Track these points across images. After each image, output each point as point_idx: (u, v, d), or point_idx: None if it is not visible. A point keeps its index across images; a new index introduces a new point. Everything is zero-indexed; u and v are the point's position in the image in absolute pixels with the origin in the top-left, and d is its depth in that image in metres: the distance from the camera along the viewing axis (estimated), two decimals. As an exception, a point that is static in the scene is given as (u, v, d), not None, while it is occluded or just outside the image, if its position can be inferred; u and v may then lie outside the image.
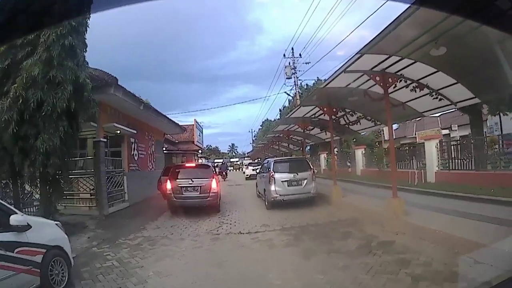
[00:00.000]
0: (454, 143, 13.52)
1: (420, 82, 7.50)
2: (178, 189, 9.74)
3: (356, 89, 8.58)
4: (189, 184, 9.76)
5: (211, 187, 9.70)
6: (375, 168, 17.86)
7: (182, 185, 9.78)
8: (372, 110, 10.33)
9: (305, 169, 9.75)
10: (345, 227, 7.08)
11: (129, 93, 9.85)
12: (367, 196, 10.29)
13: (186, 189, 9.76)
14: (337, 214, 8.44)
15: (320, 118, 12.23)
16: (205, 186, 9.69)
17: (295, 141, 19.87)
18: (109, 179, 10.36)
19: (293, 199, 9.30)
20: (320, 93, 9.02)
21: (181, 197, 9.73)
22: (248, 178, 24.36)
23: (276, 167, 9.60)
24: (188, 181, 9.81)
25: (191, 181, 9.81)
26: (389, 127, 7.58)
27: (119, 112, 11.11)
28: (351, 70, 6.90)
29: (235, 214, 9.30)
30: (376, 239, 6.06)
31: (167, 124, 15.25)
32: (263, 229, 7.16)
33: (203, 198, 9.62)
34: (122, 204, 11.04)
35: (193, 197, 9.69)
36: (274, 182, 9.24)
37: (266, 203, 9.79)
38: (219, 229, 7.45)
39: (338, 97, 9.45)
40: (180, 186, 9.77)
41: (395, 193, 7.13)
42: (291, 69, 23.37)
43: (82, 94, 7.12)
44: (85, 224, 8.74)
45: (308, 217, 8.14)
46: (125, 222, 8.98)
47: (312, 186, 9.61)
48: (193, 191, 9.72)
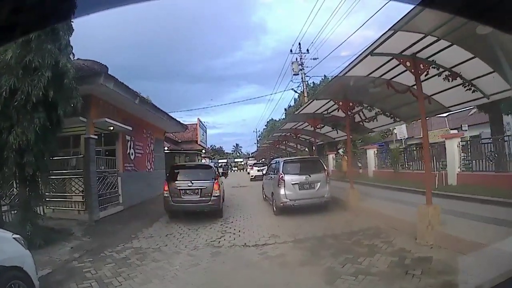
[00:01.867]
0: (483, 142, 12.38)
1: (453, 70, 6.42)
2: (176, 192, 8.76)
3: (378, 79, 7.52)
4: (188, 187, 8.76)
5: (213, 190, 8.69)
6: (389, 169, 16.78)
7: (181, 188, 8.79)
8: (392, 104, 9.28)
9: (318, 170, 8.65)
10: (370, 238, 6.00)
11: (122, 84, 8.84)
12: (386, 201, 9.21)
13: (185, 192, 8.77)
14: (356, 222, 7.33)
15: (333, 115, 11.15)
16: (206, 189, 8.70)
17: (302, 140, 18.78)
18: (101, 180, 9.39)
19: (305, 204, 8.21)
20: (337, 83, 7.91)
21: (179, 201, 8.75)
22: (253, 179, 23.29)
23: (286, 168, 8.52)
24: (187, 183, 8.80)
25: (191, 183, 8.78)
26: (423, 121, 6.47)
27: (113, 107, 10.11)
28: (379, 53, 5.81)
29: (240, 221, 8.24)
30: (410, 254, 5.04)
31: (168, 122, 14.22)
32: (272, 241, 6.07)
33: (203, 203, 8.64)
34: (116, 207, 10.05)
35: (193, 201, 8.72)
36: (284, 185, 8.15)
37: (274, 208, 8.71)
38: (221, 240, 6.39)
39: (357, 89, 8.35)
40: (178, 189, 8.78)
41: (430, 199, 6.01)
42: (298, 65, 22.25)
43: (62, 81, 6.13)
44: (71, 231, 7.80)
45: (323, 226, 7.04)
46: (116, 229, 7.99)
47: (326, 189, 8.52)
48: (192, 194, 8.73)
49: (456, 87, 6.78)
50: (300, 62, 22.26)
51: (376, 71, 7.12)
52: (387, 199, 9.47)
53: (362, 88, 8.21)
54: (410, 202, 8.54)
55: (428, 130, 23.81)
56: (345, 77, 7.05)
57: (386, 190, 12.00)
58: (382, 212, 7.65)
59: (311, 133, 16.20)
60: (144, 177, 12.51)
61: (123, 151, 10.77)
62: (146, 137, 13.26)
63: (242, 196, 14.07)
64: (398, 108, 9.35)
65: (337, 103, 9.24)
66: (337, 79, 7.24)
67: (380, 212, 7.69)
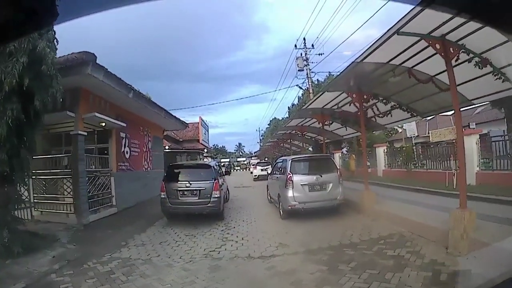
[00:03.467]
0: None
1: (483, 56, 5.57)
2: (174, 193, 8.17)
3: (399, 67, 6.68)
4: (186, 187, 8.18)
5: (213, 191, 8.07)
6: (400, 168, 15.92)
7: (178, 189, 8.19)
8: (409, 97, 8.44)
9: (330, 169, 7.80)
10: (394, 248, 5.17)
11: (113, 76, 8.04)
12: (405, 203, 8.38)
13: (183, 193, 8.18)
14: (375, 228, 6.47)
15: (343, 110, 10.30)
16: (205, 190, 8.07)
17: (308, 138, 17.90)
18: (91, 181, 8.62)
19: (315, 207, 7.37)
20: (352, 72, 7.05)
21: (176, 202, 8.15)
22: (256, 179, 22.46)
23: (295, 167, 7.67)
24: (185, 184, 8.23)
25: (189, 183, 8.21)
26: (457, 112, 5.60)
27: (105, 101, 9.32)
28: (406, 32, 4.96)
29: (243, 226, 7.40)
30: (444, 268, 4.24)
31: (166, 119, 13.41)
32: (280, 252, 5.23)
33: (202, 204, 8.02)
34: (109, 210, 9.27)
35: (191, 203, 8.13)
36: (292, 186, 7.31)
37: (281, 212, 7.87)
38: (221, 250, 5.55)
39: (373, 79, 7.52)
40: (175, 190, 8.18)
41: (464, 203, 5.16)
42: (303, 60, 21.36)
43: (40, 67, 5.34)
44: (57, 237, 7.04)
45: (338, 233, 6.19)
46: (105, 235, 7.21)
47: (339, 191, 7.67)
48: (191, 196, 8.15)
49: (480, 78, 5.96)
50: (305, 58, 21.38)
51: (396, 58, 6.31)
52: (404, 201, 8.65)
53: (379, 78, 7.39)
54: (431, 205, 7.77)
55: (434, 129, 22.91)
56: (364, 63, 6.20)
57: (401, 191, 11.17)
58: (402, 216, 6.81)
59: (317, 130, 15.36)
60: (141, 177, 11.71)
61: (117, 149, 9.99)
62: (143, 134, 12.46)
63: (245, 197, 13.24)
64: (416, 101, 8.54)
65: (350, 95, 8.40)
66: (353, 65, 6.38)
67: (400, 216, 6.85)
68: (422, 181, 12.71)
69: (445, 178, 11.79)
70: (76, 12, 1.49)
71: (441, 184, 11.36)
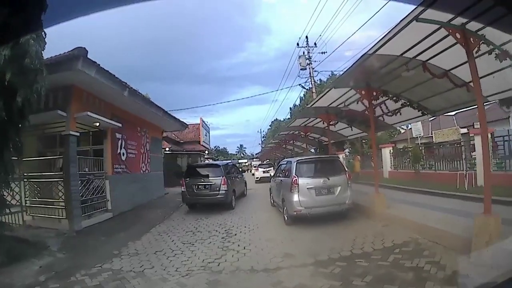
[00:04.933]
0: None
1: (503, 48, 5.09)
2: (191, 187, 10.38)
3: (412, 61, 6.20)
4: (200, 183, 10.33)
5: (221, 185, 10.09)
6: (407, 169, 15.40)
7: (195, 184, 10.36)
8: (421, 94, 7.98)
9: (338, 171, 7.28)
10: (411, 258, 4.66)
11: (106, 72, 7.58)
12: (416, 206, 7.89)
13: (198, 187, 10.34)
14: (389, 235, 5.96)
15: (350, 108, 9.81)
16: (215, 185, 10.14)
17: (311, 139, 17.38)
18: (84, 184, 8.15)
19: (322, 212, 6.86)
20: (362, 67, 6.56)
21: (194, 194, 10.35)
22: (258, 181, 21.92)
23: (300, 169, 7.16)
24: (200, 180, 10.39)
25: (203, 179, 10.38)
26: (480, 108, 5.09)
27: (99, 100, 8.87)
28: (426, 19, 4.47)
29: (245, 233, 6.88)
30: (469, 280, 3.69)
31: (165, 119, 12.94)
32: (287, 263, 4.72)
33: (213, 196, 10.11)
34: (104, 215, 8.80)
35: (205, 195, 10.26)
36: (298, 190, 6.80)
37: (286, 217, 7.36)
38: (221, 261, 5.04)
39: (384, 74, 7.04)
40: (192, 185, 10.38)
41: (489, 208, 4.66)
42: (306, 59, 20.87)
43: (23, 60, 4.88)
44: (47, 244, 6.59)
45: (348, 241, 5.68)
46: (98, 242, 6.73)
47: (347, 194, 7.15)
48: (204, 189, 10.27)
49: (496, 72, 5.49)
50: (307, 56, 20.90)
51: (410, 51, 5.83)
52: (416, 205, 8.15)
53: (390, 73, 6.91)
54: (445, 208, 7.28)
55: (437, 129, 22.41)
56: (376, 56, 5.71)
57: (410, 194, 10.65)
58: (416, 221, 6.32)
59: (321, 131, 14.86)
60: (138, 180, 11.24)
61: (113, 151, 9.52)
62: (140, 135, 11.98)
63: (247, 201, 12.74)
64: (427, 99, 8.09)
65: (359, 92, 7.92)
66: (365, 58, 5.89)
67: (413, 221, 6.36)
68: (431, 183, 12.21)
69: (455, 180, 11.32)
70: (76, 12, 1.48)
71: (452, 186, 10.89)
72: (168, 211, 10.15)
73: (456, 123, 23.44)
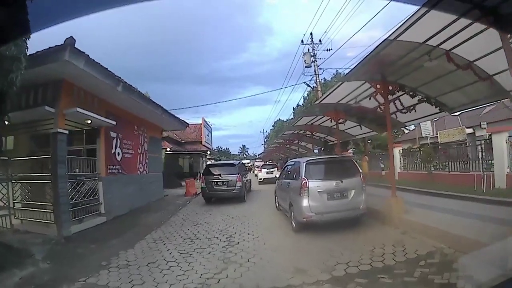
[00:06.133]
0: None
1: None
2: (210, 183, 11.95)
3: (435, 50, 5.53)
4: (218, 179, 11.88)
5: (237, 181, 11.76)
6: (418, 170, 14.70)
7: (213, 180, 11.94)
8: (440, 89, 7.35)
9: (352, 173, 6.59)
10: (439, 272, 4.02)
11: (98, 65, 6.95)
12: (435, 211, 7.31)
13: (216, 183, 11.88)
14: (409, 244, 5.28)
15: (360, 105, 9.15)
16: (231, 181, 11.75)
17: (317, 139, 16.67)
18: (74, 186, 7.53)
19: (335, 218, 6.18)
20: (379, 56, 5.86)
21: (212, 189, 11.91)
22: (261, 182, 21.25)
23: (310, 171, 6.46)
24: (218, 177, 11.92)
25: (220, 176, 11.89)
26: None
27: (93, 96, 8.26)
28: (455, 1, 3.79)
29: (248, 241, 6.19)
30: None
31: (164, 117, 12.29)
32: (298, 280, 4.03)
33: (230, 191, 11.71)
34: (96, 219, 8.17)
35: (222, 190, 11.82)
36: (308, 194, 6.11)
37: (294, 223, 6.68)
38: (221, 276, 4.36)
39: (402, 65, 6.37)
40: (211, 181, 11.96)
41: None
42: (311, 56, 20.17)
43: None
44: (32, 251, 5.98)
45: (366, 252, 5.00)
46: (86, 250, 6.09)
47: (362, 198, 6.48)
48: (221, 185, 11.84)
49: None
50: (312, 53, 20.19)
51: (434, 38, 5.16)
52: (434, 208, 7.52)
53: (409, 64, 6.24)
54: (466, 213, 6.63)
55: (442, 129, 21.67)
56: (397, 42, 5.04)
57: (424, 196, 9.96)
58: (437, 227, 5.68)
59: (327, 130, 14.18)
60: (135, 181, 10.61)
61: (107, 151, 8.88)
62: (137, 134, 11.35)
63: (250, 204, 12.07)
64: (445, 94, 7.46)
65: (374, 86, 7.25)
66: (384, 45, 5.20)
67: (435, 227, 5.70)
68: (444, 185, 11.55)
69: (471, 181, 10.65)
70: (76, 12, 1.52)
71: (468, 188, 10.24)
72: (166, 215, 9.50)
73: (461, 123, 22.80)
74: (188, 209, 10.95)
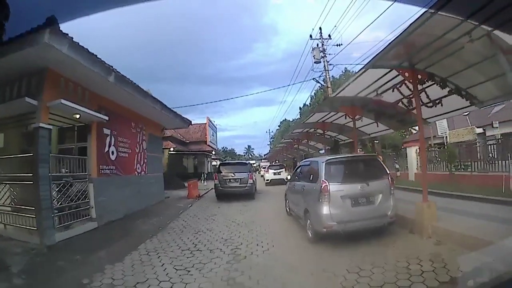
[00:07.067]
0: None
1: None
2: (223, 181, 12.75)
3: (477, 30, 4.55)
4: (231, 177, 12.72)
5: (248, 179, 12.71)
6: (438, 171, 13.67)
7: (226, 178, 12.75)
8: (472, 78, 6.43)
9: (379, 174, 5.61)
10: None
11: (84, 50, 6.09)
12: (468, 216, 6.35)
13: (229, 180, 12.71)
14: (449, 258, 4.29)
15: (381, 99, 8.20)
16: (244, 179, 12.64)
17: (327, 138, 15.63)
18: (60, 188, 6.70)
19: (359, 228, 5.21)
20: (412, 37, 4.90)
21: (225, 186, 12.70)
22: (268, 184, 20.30)
23: (331, 172, 5.46)
24: (231, 174, 12.78)
25: (233, 174, 12.77)
26: None
27: (84, 89, 7.44)
28: None
29: (257, 255, 5.24)
30: None
31: (164, 114, 11.42)
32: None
33: (242, 188, 12.57)
34: (86, 224, 7.33)
35: (234, 187, 12.61)
36: (329, 200, 5.15)
37: (310, 233, 5.72)
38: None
39: (434, 50, 5.38)
40: (224, 179, 12.75)
41: None
42: (320, 51, 19.19)
43: None
44: (8, 263, 5.22)
45: (400, 269, 4.04)
46: (69, 264, 5.23)
47: (390, 204, 5.50)
48: (234, 182, 12.67)
49: None
50: (322, 49, 19.22)
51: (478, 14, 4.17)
52: (466, 214, 6.66)
53: (442, 48, 5.28)
54: (504, 219, 5.74)
55: (452, 129, 20.46)
56: (436, 18, 4.07)
57: (450, 199, 9.00)
58: (478, 236, 4.69)
59: (338, 128, 13.18)
60: (131, 183, 9.75)
61: (99, 149, 8.03)
62: (135, 132, 10.48)
63: (258, 206, 11.13)
64: (477, 85, 6.48)
65: (402, 74, 6.30)
66: (424, 19, 4.23)
67: (475, 237, 4.72)
68: (468, 186, 10.54)
69: (500, 183, 9.65)
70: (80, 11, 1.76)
71: (495, 190, 9.20)
72: (165, 220, 8.61)
73: (470, 123, 21.78)
74: (190, 213, 10.04)
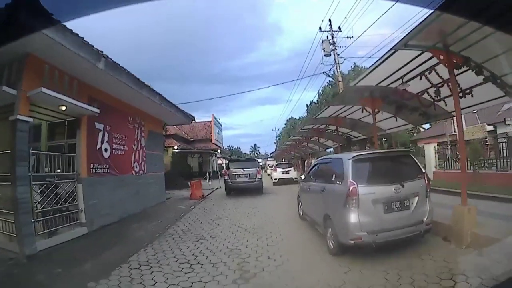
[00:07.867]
0: None
1: None
2: (233, 176, 13.61)
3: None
4: (241, 173, 13.55)
5: (257, 174, 13.55)
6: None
7: (236, 173, 13.60)
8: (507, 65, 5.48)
9: (413, 174, 4.67)
10: None
11: (68, 31, 5.27)
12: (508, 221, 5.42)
13: (239, 176, 13.57)
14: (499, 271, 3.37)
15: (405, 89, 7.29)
16: (252, 174, 13.46)
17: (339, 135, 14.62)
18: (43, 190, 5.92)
19: (393, 238, 4.30)
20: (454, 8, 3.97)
21: (235, 181, 13.57)
22: (276, 183, 19.38)
23: (359, 171, 4.52)
24: (241, 170, 13.60)
25: (243, 170, 13.57)
26: None
27: (71, 78, 6.65)
28: None
29: (267, 271, 4.35)
30: None
31: (165, 108, 10.59)
32: None
33: (251, 183, 13.44)
34: (75, 230, 6.55)
35: (244, 182, 13.48)
36: (358, 205, 4.25)
37: (331, 243, 4.81)
38: None
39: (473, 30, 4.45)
40: (234, 174, 13.60)
41: None
42: (330, 44, 18.21)
43: None
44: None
45: None
46: (47, 279, 4.46)
47: (426, 209, 4.58)
48: (243, 177, 13.51)
49: None
50: (332, 41, 18.24)
51: None
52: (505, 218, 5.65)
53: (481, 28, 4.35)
54: None
55: None
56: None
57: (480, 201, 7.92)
58: None
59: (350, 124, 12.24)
60: (128, 183, 8.94)
61: (89, 146, 7.22)
62: (132, 128, 9.67)
63: (267, 207, 10.25)
64: (511, 73, 5.56)
65: (437, 56, 5.36)
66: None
67: None
68: (494, 186, 9.53)
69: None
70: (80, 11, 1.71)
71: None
72: (163, 225, 7.78)
73: (479, 121, 20.76)
74: (192, 216, 9.19)
